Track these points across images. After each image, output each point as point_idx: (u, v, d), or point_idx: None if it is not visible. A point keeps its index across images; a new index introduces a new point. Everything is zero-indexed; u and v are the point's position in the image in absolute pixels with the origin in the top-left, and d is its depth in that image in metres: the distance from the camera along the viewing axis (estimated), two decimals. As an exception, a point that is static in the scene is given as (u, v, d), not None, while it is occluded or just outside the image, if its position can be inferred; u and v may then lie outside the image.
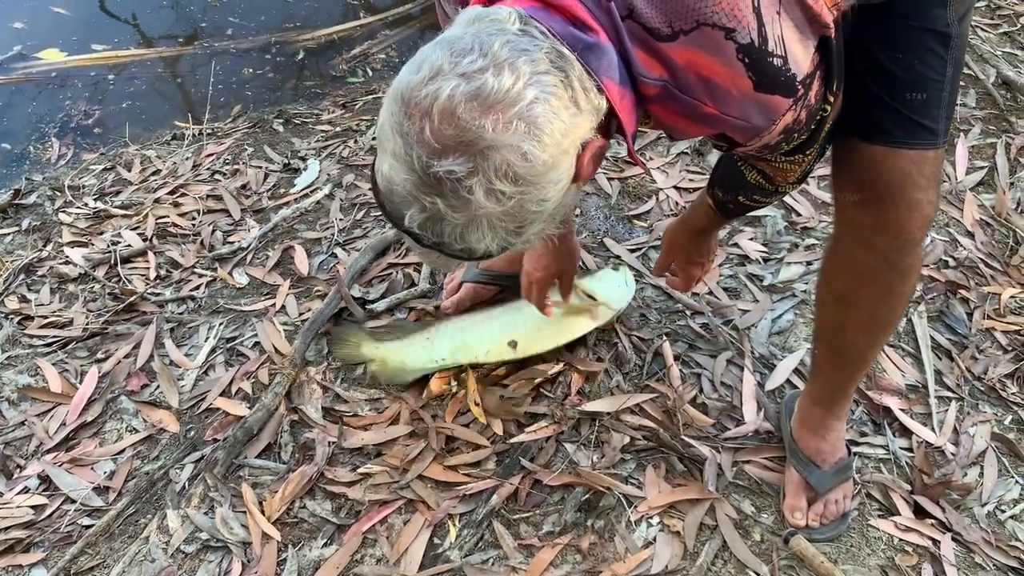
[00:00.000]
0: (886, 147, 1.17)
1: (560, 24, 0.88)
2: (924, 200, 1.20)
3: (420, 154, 0.84)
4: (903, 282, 1.32)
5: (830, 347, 1.48)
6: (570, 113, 0.87)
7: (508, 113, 0.83)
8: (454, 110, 0.82)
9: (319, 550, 1.50)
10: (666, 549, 1.49)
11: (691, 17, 0.89)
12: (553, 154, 0.86)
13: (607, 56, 0.90)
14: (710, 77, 0.93)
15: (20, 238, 2.30)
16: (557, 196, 0.90)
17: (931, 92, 1.15)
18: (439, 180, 0.84)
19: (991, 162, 2.25)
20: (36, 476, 1.64)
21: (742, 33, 0.90)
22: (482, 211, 0.87)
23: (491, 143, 0.83)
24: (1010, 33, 2.63)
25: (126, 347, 1.88)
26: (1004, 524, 1.59)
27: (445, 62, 0.84)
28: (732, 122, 0.98)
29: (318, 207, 2.27)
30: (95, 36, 3.28)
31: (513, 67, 0.83)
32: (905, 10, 1.11)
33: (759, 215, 2.12)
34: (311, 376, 1.77)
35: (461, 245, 0.91)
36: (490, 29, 0.86)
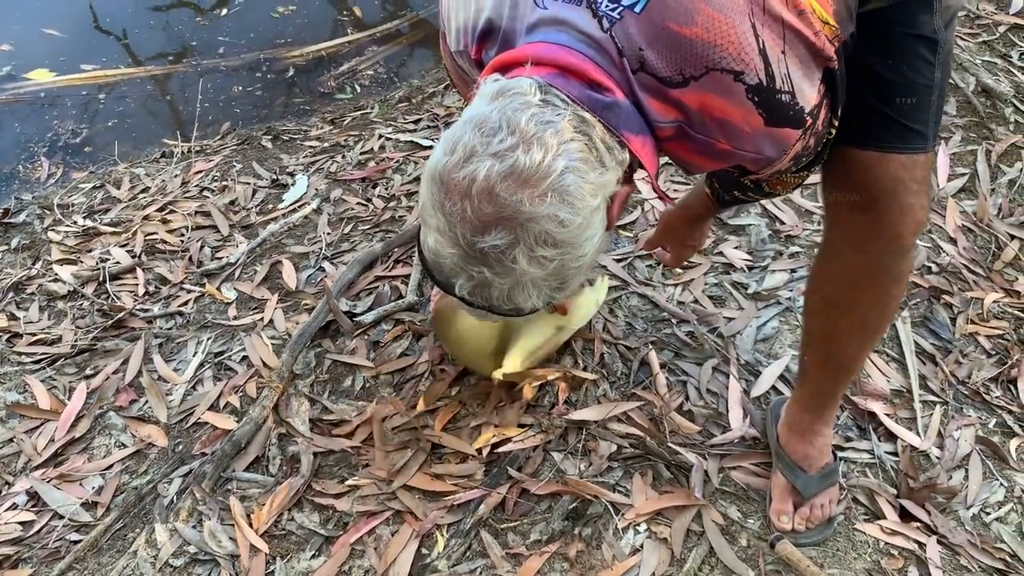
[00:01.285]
0: (878, 152, 1.19)
1: (578, 88, 0.93)
2: (916, 204, 1.22)
3: (464, 231, 0.90)
4: (896, 286, 1.33)
5: (820, 353, 1.49)
6: (597, 173, 0.92)
7: (541, 186, 0.88)
8: (491, 189, 0.88)
9: (307, 562, 1.51)
10: (653, 556, 1.50)
11: (700, 64, 0.93)
12: (586, 215, 0.91)
13: (625, 112, 0.95)
14: (723, 117, 0.97)
15: (9, 257, 2.30)
16: (594, 248, 0.96)
17: (921, 97, 1.17)
18: (484, 253, 0.90)
19: (972, 169, 2.28)
20: (24, 492, 1.64)
21: (750, 75, 0.94)
22: (527, 276, 0.92)
23: (529, 215, 0.88)
24: (989, 42, 2.66)
25: (115, 363, 1.88)
26: (989, 526, 1.60)
27: (477, 143, 0.89)
28: (745, 156, 1.02)
29: (306, 222, 2.28)
30: (84, 56, 3.29)
31: (541, 141, 0.88)
32: (893, 17, 1.14)
33: (743, 223, 2.14)
34: (299, 389, 1.78)
35: (509, 306, 0.97)
36: (514, 104, 0.90)
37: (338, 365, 1.84)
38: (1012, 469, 1.69)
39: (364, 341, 1.88)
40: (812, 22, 0.96)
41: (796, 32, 0.95)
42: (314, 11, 3.65)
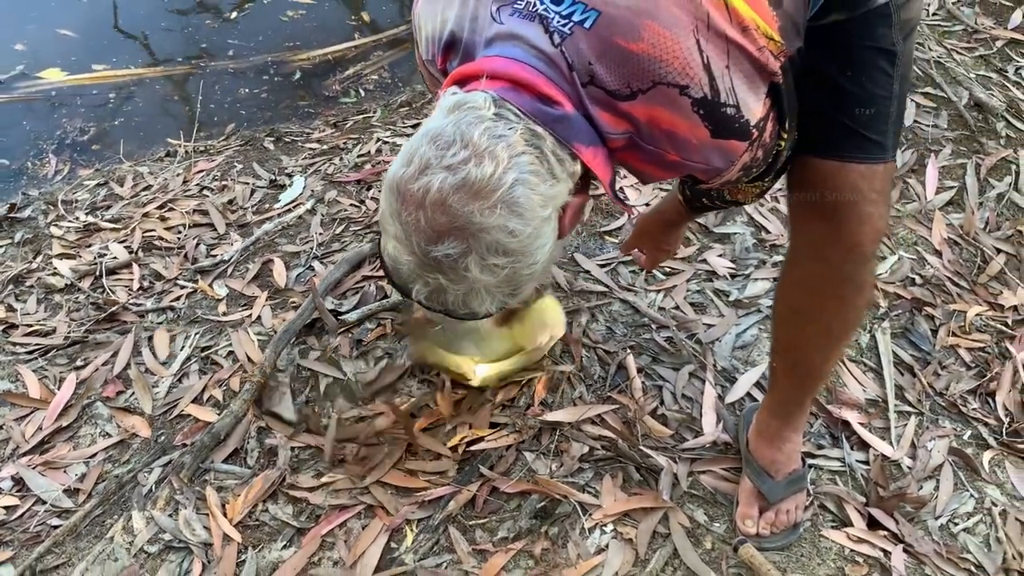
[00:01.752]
0: (838, 161, 1.22)
1: (529, 102, 0.96)
2: (875, 214, 1.24)
3: (419, 240, 0.94)
4: (858, 295, 1.35)
5: (786, 360, 1.52)
6: (548, 185, 0.96)
7: (492, 198, 0.92)
8: (444, 200, 0.92)
9: (278, 552, 1.54)
10: (617, 556, 1.52)
11: (647, 78, 0.96)
12: (536, 225, 0.95)
13: (574, 123, 0.98)
14: (671, 129, 1.00)
15: (12, 250, 2.36)
16: (545, 256, 1.00)
17: (879, 107, 1.20)
18: (438, 261, 0.94)
19: (961, 182, 2.29)
20: (10, 478, 1.68)
21: (695, 89, 0.97)
22: (480, 283, 0.97)
23: (480, 226, 0.92)
24: (986, 56, 2.67)
25: (104, 355, 1.93)
26: (956, 536, 1.61)
27: (432, 155, 0.93)
28: (694, 166, 1.06)
29: (300, 222, 2.32)
30: (96, 56, 3.36)
31: (492, 155, 0.92)
32: (853, 30, 1.16)
33: (728, 232, 2.16)
34: (280, 381, 1.82)
35: (464, 311, 1.01)
36: (468, 118, 0.94)
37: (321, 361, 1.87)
38: (983, 481, 1.70)
39: (348, 339, 1.92)
40: (756, 38, 0.99)
41: (740, 48, 0.98)
42: (323, 15, 3.70)
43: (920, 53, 2.66)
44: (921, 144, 2.40)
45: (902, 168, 2.33)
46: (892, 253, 2.12)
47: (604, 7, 0.96)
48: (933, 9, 2.90)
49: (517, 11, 0.99)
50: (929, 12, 2.88)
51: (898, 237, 2.17)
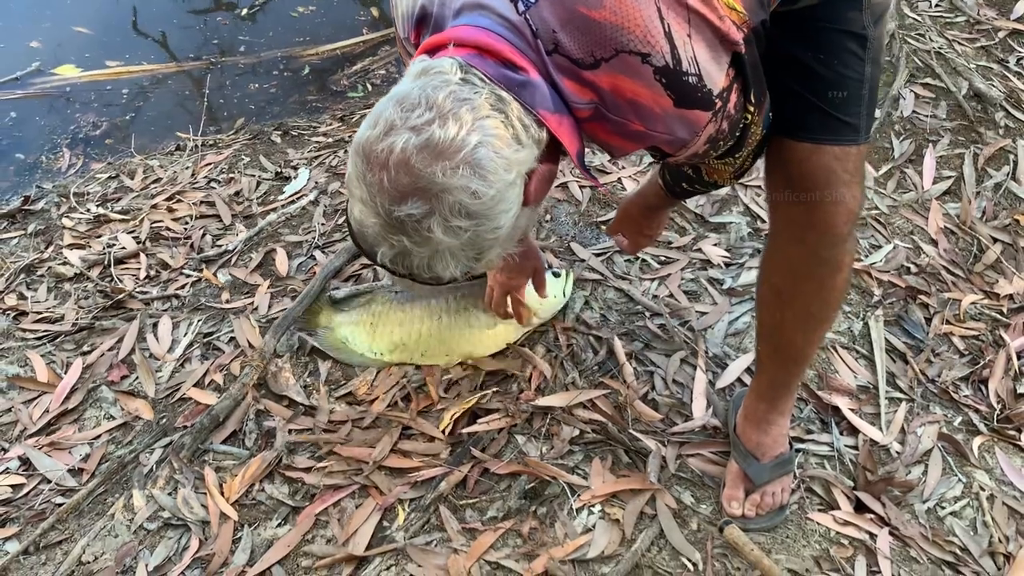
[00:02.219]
0: (811, 144, 1.25)
1: (494, 68, 0.98)
2: (848, 195, 1.27)
3: (383, 201, 0.95)
4: (834, 276, 1.37)
5: (770, 344, 1.54)
6: (512, 149, 0.97)
7: (455, 159, 0.93)
8: (407, 160, 0.93)
9: (273, 530, 1.58)
10: (604, 536, 1.55)
11: (609, 46, 0.99)
12: (499, 188, 0.97)
13: (539, 90, 1.00)
14: (634, 99, 1.02)
15: (25, 241, 2.42)
16: (510, 222, 1.01)
17: (851, 90, 1.23)
18: (402, 222, 0.96)
19: (958, 172, 2.29)
20: (17, 458, 1.74)
21: (656, 57, 0.99)
22: (443, 245, 0.98)
23: (443, 186, 0.94)
24: (987, 47, 2.67)
25: (110, 341, 1.98)
26: (943, 520, 1.62)
27: (397, 117, 0.94)
28: (659, 136, 1.07)
29: (303, 212, 2.37)
30: (110, 53, 3.43)
31: (456, 116, 0.94)
32: (824, 14, 1.19)
33: (723, 221, 2.18)
34: (280, 366, 1.86)
35: (429, 274, 1.03)
36: (435, 82, 0.96)
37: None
38: (972, 466, 1.71)
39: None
40: (716, 7, 1.01)
41: (701, 17, 1.00)
42: (333, 11, 3.75)
43: (920, 44, 2.66)
44: (919, 134, 2.40)
45: (900, 158, 2.34)
46: (888, 242, 2.14)
47: None
48: (936, 0, 2.89)
49: None
50: (932, 3, 2.88)
51: (894, 226, 2.18)
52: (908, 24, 2.79)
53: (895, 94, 2.51)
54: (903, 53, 2.62)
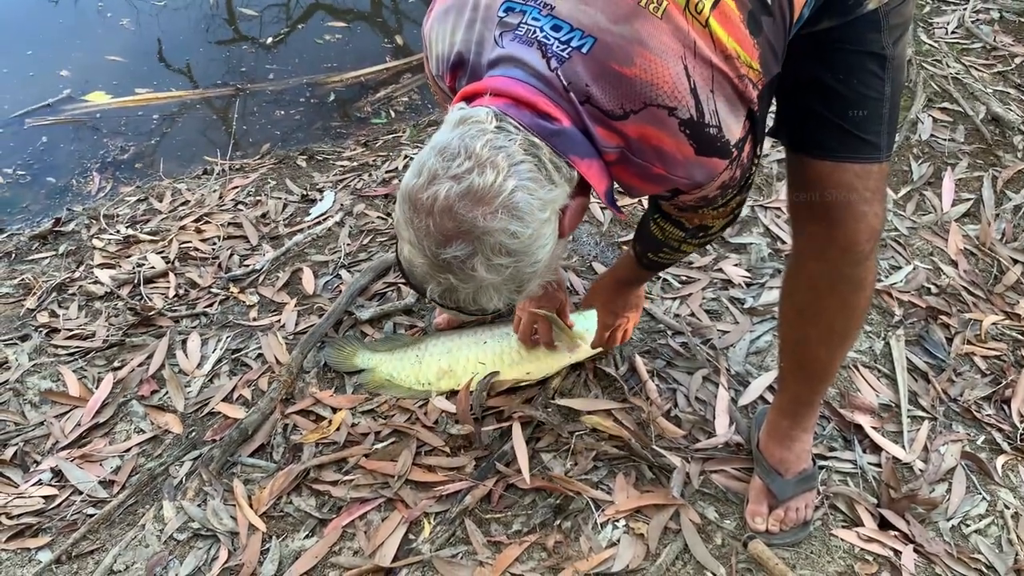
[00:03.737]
0: (832, 162, 1.28)
1: (529, 118, 1.05)
2: (870, 212, 1.30)
3: (429, 244, 1.03)
4: (856, 294, 1.39)
5: (793, 360, 1.56)
6: (546, 190, 1.04)
7: (494, 204, 1.00)
8: (451, 207, 1.00)
9: (301, 541, 1.60)
10: (628, 550, 1.56)
11: (639, 100, 1.05)
12: (536, 227, 1.03)
13: (571, 137, 1.06)
14: (659, 146, 1.08)
15: (56, 261, 2.47)
16: (547, 255, 1.08)
17: (872, 109, 1.26)
18: (448, 263, 1.03)
19: (977, 194, 2.31)
20: (49, 470, 1.77)
21: (682, 110, 1.05)
22: (487, 281, 1.05)
23: (484, 230, 1.00)
24: (1004, 72, 2.70)
25: (140, 357, 2.02)
26: (968, 538, 1.62)
27: (439, 167, 1.01)
28: (678, 180, 1.13)
29: (329, 233, 2.41)
30: (139, 80, 3.51)
31: (493, 164, 1.00)
32: (844, 35, 1.23)
33: (744, 242, 2.20)
34: (307, 382, 1.89)
35: (475, 307, 1.10)
36: (472, 131, 1.02)
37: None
38: (996, 484, 1.71)
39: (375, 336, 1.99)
40: (737, 66, 1.07)
41: (724, 74, 1.06)
42: (357, 39, 3.84)
43: (938, 70, 2.69)
44: (938, 157, 2.43)
45: (919, 181, 2.36)
46: (908, 263, 2.15)
47: (601, 34, 1.03)
48: (952, 27, 2.93)
49: (518, 36, 1.07)
50: (948, 30, 2.92)
51: (914, 248, 2.20)
52: (925, 50, 2.82)
53: (913, 118, 2.53)
54: (921, 78, 2.65)
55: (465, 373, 1.86)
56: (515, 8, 1.07)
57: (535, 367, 1.85)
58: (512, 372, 1.85)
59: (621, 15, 1.02)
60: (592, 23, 1.03)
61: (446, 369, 1.88)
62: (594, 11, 1.03)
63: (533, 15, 1.06)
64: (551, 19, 1.05)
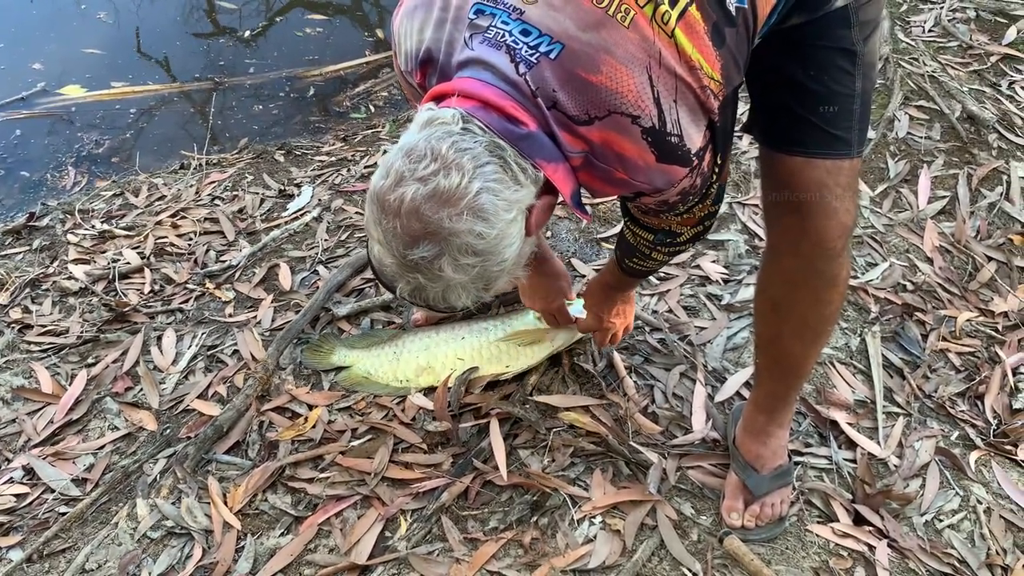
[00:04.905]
0: (803, 157, 1.29)
1: (497, 121, 1.06)
2: (841, 208, 1.31)
3: (397, 245, 1.04)
4: (829, 289, 1.40)
5: (768, 356, 1.57)
6: (512, 190, 1.06)
7: (459, 206, 1.02)
8: (417, 209, 1.02)
9: (276, 539, 1.59)
10: (605, 546, 1.56)
11: (604, 107, 1.06)
12: (502, 228, 1.05)
13: (539, 142, 1.08)
14: (621, 152, 1.10)
15: (30, 256, 2.44)
16: (514, 254, 1.10)
17: (842, 105, 1.27)
18: (415, 263, 1.05)
19: (953, 192, 2.33)
20: (22, 468, 1.75)
21: (645, 119, 1.07)
22: (454, 281, 1.07)
23: (450, 231, 1.02)
24: (980, 71, 2.72)
25: (115, 353, 2.00)
26: (941, 533, 1.63)
27: (405, 169, 1.03)
28: (639, 185, 1.15)
29: (306, 229, 2.39)
30: (116, 74, 3.48)
31: (459, 166, 1.02)
32: (814, 32, 1.24)
33: (721, 239, 2.21)
34: (283, 379, 1.88)
35: (445, 305, 1.12)
36: (438, 133, 1.04)
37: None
38: (969, 480, 1.72)
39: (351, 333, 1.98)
40: (700, 77, 1.08)
41: (687, 85, 1.08)
42: (338, 33, 3.82)
43: (915, 68, 2.71)
44: (914, 155, 2.44)
45: (895, 178, 2.38)
46: (884, 260, 2.16)
47: (569, 41, 1.04)
48: (929, 26, 2.95)
49: (487, 39, 1.08)
50: (925, 29, 2.94)
51: (890, 245, 2.21)
52: (902, 48, 2.84)
53: (890, 116, 2.55)
54: (898, 76, 2.67)
55: (444, 369, 1.86)
56: (485, 11, 1.08)
57: (514, 362, 1.85)
58: (491, 367, 1.85)
59: (589, 23, 1.04)
60: (561, 30, 1.04)
61: (424, 366, 1.87)
62: (563, 18, 1.04)
63: (503, 19, 1.07)
64: (520, 23, 1.06)
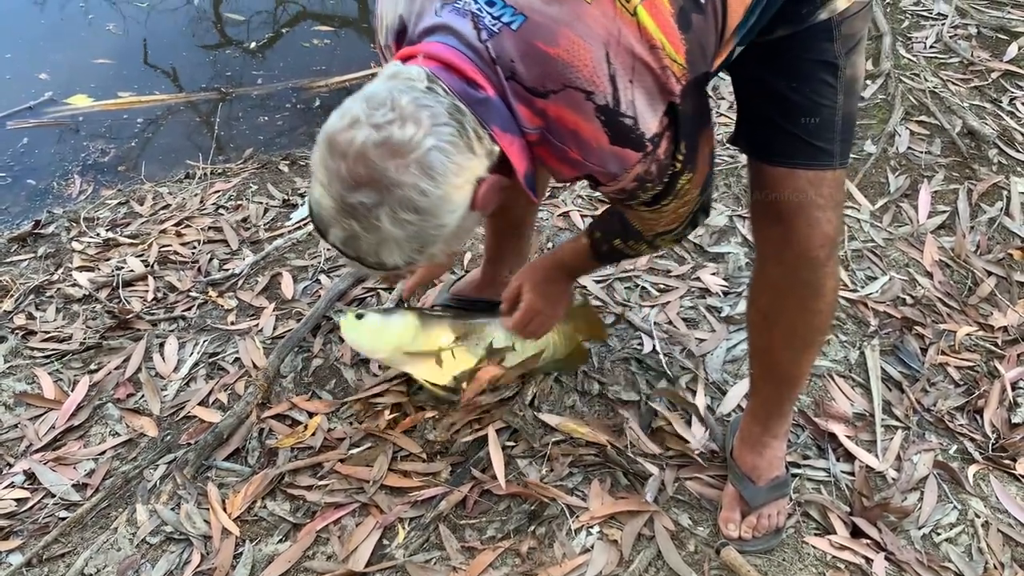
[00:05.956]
0: (785, 168, 1.31)
1: (457, 83, 1.07)
2: (823, 219, 1.32)
3: (338, 187, 1.04)
4: (816, 298, 1.41)
5: (761, 366, 1.58)
6: (464, 156, 1.06)
7: (408, 158, 1.02)
8: (365, 153, 1.02)
9: (274, 546, 1.60)
10: (602, 556, 1.56)
11: (559, 80, 1.06)
12: (447, 190, 1.06)
13: (495, 109, 1.08)
14: (575, 130, 1.10)
15: (35, 263, 2.46)
16: (454, 222, 1.10)
17: (824, 117, 1.28)
18: (353, 208, 1.04)
19: (953, 207, 2.34)
20: (23, 472, 1.75)
21: (599, 96, 1.07)
22: (390, 235, 1.06)
23: (394, 181, 1.02)
24: (980, 87, 2.73)
25: (117, 360, 2.01)
26: (939, 546, 1.63)
27: (362, 113, 1.03)
28: (592, 167, 1.15)
29: (309, 238, 2.41)
30: (123, 84, 3.50)
31: (416, 120, 1.02)
32: (797, 44, 1.25)
33: (722, 251, 2.22)
34: (284, 387, 1.89)
35: (375, 259, 1.11)
36: (401, 86, 1.04)
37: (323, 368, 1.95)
38: (967, 493, 1.73)
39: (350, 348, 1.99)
40: (661, 57, 1.07)
41: (645, 65, 1.07)
42: (345, 44, 3.85)
43: (916, 83, 2.73)
44: (915, 170, 2.46)
45: (895, 193, 2.39)
46: (884, 273, 2.17)
47: (531, 13, 1.05)
48: (930, 42, 2.97)
49: (455, 9, 1.09)
50: (927, 44, 2.95)
51: (890, 258, 2.22)
52: (904, 64, 2.86)
53: (891, 131, 2.56)
54: (899, 92, 2.68)
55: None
56: None
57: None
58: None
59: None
60: (525, 2, 1.05)
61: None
62: None
63: None
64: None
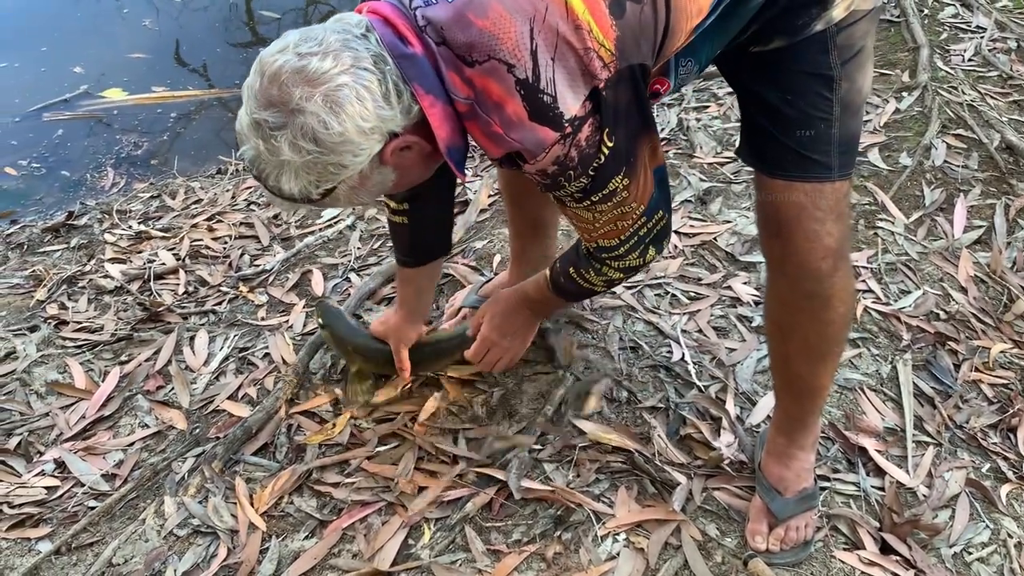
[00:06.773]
0: (783, 180, 1.30)
1: (388, 35, 1.12)
2: (822, 231, 1.30)
3: (252, 104, 1.11)
4: (826, 309, 1.39)
5: (781, 377, 1.57)
6: (377, 106, 1.10)
7: (317, 89, 1.07)
8: (280, 76, 1.08)
9: (300, 542, 1.60)
10: (628, 564, 1.55)
11: (484, 51, 1.10)
12: (350, 130, 1.09)
13: (420, 67, 1.13)
14: (499, 102, 1.13)
15: (68, 254, 2.49)
16: (356, 167, 1.14)
17: (819, 129, 1.27)
18: (259, 125, 1.10)
19: (989, 222, 2.31)
20: (53, 461, 1.78)
21: (519, 69, 1.10)
22: (287, 159, 1.10)
23: (298, 107, 1.07)
24: (1019, 101, 2.70)
25: (148, 352, 2.03)
26: (970, 566, 1.61)
27: (293, 42, 1.10)
28: (512, 143, 1.16)
29: (340, 236, 2.42)
30: (156, 79, 3.54)
31: (337, 57, 1.08)
32: (792, 56, 1.25)
33: (753, 260, 2.20)
34: (313, 383, 1.90)
35: (274, 184, 1.16)
36: (339, 27, 1.12)
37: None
38: (1000, 513, 1.70)
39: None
40: (586, 39, 1.10)
41: (569, 45, 1.10)
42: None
43: (953, 96, 2.70)
44: (951, 183, 2.43)
45: (931, 206, 2.36)
46: (917, 288, 2.15)
47: None
48: (969, 55, 2.94)
49: None
50: (965, 58, 2.92)
51: (924, 273, 2.20)
52: (941, 77, 2.83)
53: (927, 144, 2.54)
54: (935, 104, 2.66)
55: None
56: None
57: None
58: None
59: None
60: None
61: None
62: None
63: None
64: None
